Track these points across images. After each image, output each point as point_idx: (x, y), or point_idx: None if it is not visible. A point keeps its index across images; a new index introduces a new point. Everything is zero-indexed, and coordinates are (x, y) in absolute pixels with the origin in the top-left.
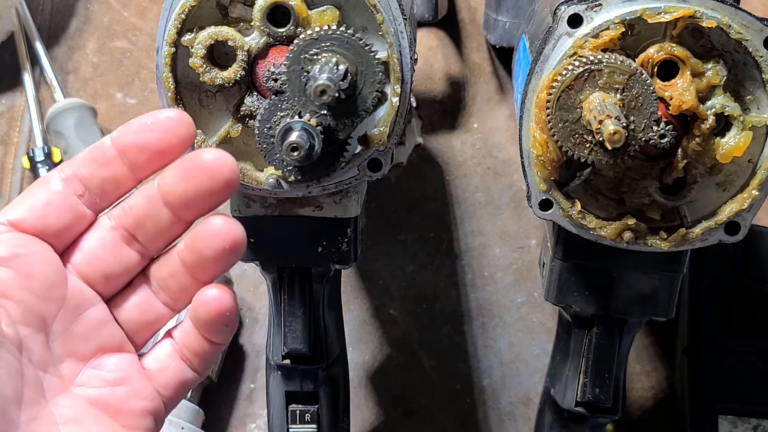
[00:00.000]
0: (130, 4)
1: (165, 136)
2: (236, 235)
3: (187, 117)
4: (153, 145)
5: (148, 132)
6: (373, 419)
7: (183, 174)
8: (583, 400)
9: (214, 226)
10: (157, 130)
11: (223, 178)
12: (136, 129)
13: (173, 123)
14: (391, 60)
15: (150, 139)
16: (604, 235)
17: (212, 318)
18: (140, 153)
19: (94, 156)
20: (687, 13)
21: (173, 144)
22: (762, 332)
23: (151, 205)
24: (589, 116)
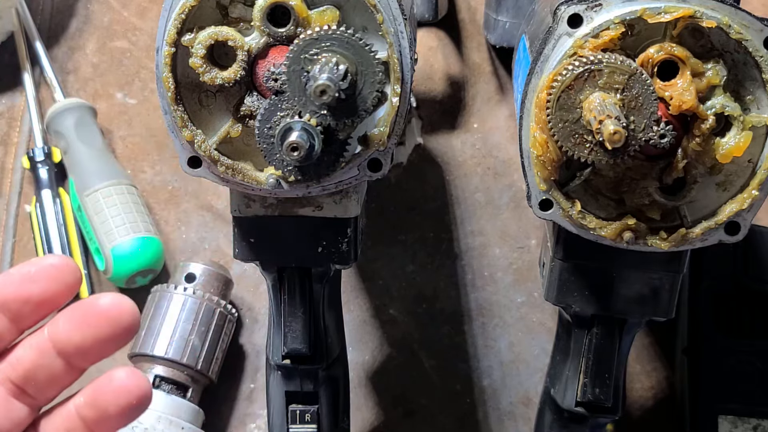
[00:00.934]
0: (130, 4)
1: (50, 285)
2: (142, 389)
3: (72, 263)
4: (37, 296)
5: (31, 283)
6: (373, 419)
7: (79, 322)
8: (583, 400)
9: (118, 382)
10: (40, 280)
11: (124, 323)
12: (18, 280)
13: (58, 271)
14: (391, 60)
15: (34, 290)
16: (604, 235)
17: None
18: (23, 305)
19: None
20: (687, 13)
21: (59, 293)
22: (762, 332)
23: (42, 356)
24: (589, 116)
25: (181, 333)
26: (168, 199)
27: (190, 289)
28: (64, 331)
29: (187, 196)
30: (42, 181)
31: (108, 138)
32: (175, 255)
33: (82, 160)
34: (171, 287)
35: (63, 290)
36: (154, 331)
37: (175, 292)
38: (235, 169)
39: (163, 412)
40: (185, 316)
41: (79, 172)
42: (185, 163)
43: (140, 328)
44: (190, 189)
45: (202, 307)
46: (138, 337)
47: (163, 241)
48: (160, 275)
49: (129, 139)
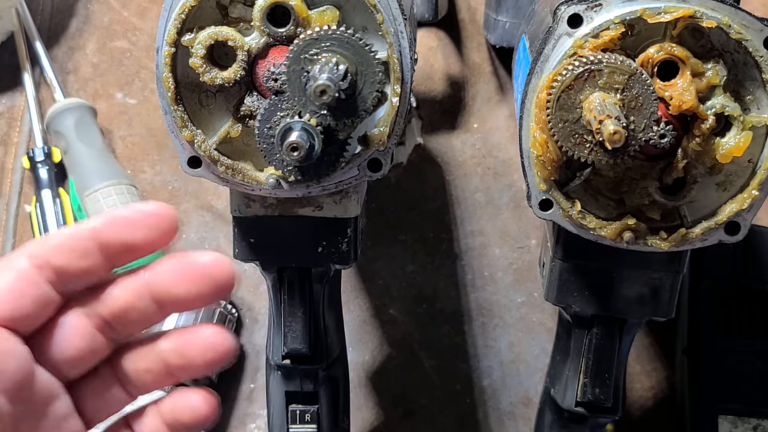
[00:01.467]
0: (130, 4)
1: (150, 232)
2: (227, 346)
3: (171, 211)
4: (137, 242)
5: (133, 229)
6: (373, 419)
7: (180, 275)
8: (583, 400)
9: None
10: (142, 228)
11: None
12: (120, 224)
13: (158, 219)
14: (391, 60)
15: (135, 237)
16: (604, 235)
17: (195, 424)
18: (122, 249)
19: (71, 246)
20: (687, 13)
21: (157, 240)
22: (762, 332)
23: (137, 299)
24: (589, 116)
25: None
26: (168, 199)
27: None
28: (164, 281)
29: (187, 196)
30: (42, 181)
31: (108, 138)
32: None
33: (82, 160)
34: None
35: (161, 238)
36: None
37: None
38: (235, 169)
39: None
40: (185, 316)
41: (79, 172)
42: (185, 163)
43: None
44: (190, 189)
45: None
46: None
47: None
48: None
49: (129, 139)
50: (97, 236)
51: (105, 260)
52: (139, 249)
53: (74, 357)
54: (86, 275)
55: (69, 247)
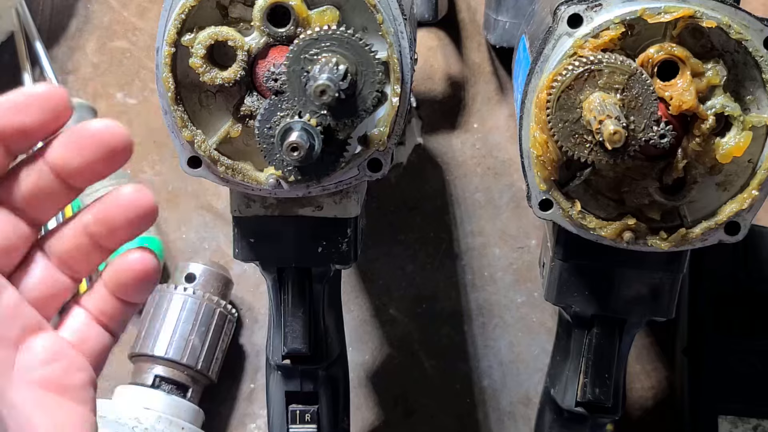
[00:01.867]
0: (130, 4)
1: (42, 114)
2: (148, 202)
3: (61, 91)
4: (30, 125)
5: (24, 113)
6: (373, 419)
7: (73, 146)
8: (583, 400)
9: (126, 197)
10: (33, 111)
11: (117, 145)
12: (10, 110)
13: (48, 100)
14: (391, 60)
15: (26, 120)
16: (604, 235)
17: (137, 281)
18: (16, 134)
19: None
20: (687, 13)
21: (50, 121)
22: (762, 332)
23: (40, 179)
24: (589, 116)
25: (181, 333)
26: (168, 200)
27: (190, 289)
28: (59, 156)
29: (187, 196)
30: None
31: None
32: (175, 255)
33: None
34: (171, 287)
35: (54, 118)
36: (154, 332)
37: (175, 292)
38: (235, 169)
39: (163, 412)
40: (185, 316)
41: None
42: (185, 163)
43: (140, 328)
44: (190, 189)
45: (202, 307)
46: (138, 337)
47: (163, 241)
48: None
49: None
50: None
51: (3, 149)
52: (35, 132)
53: (2, 248)
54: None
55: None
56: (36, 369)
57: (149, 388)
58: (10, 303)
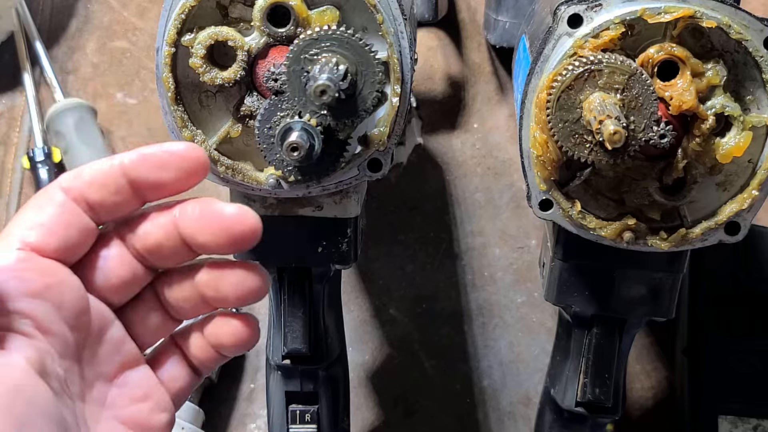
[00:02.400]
0: (130, 4)
1: (177, 174)
2: (261, 282)
3: (200, 153)
4: (167, 183)
5: (161, 169)
6: (373, 419)
7: (206, 224)
8: (583, 400)
9: (239, 275)
10: (169, 168)
11: (244, 234)
12: (150, 163)
13: (187, 162)
14: (391, 60)
15: (163, 176)
16: (604, 235)
17: (236, 345)
18: (151, 187)
19: (103, 182)
20: (687, 13)
21: (186, 181)
22: (762, 332)
23: (167, 238)
24: (589, 116)
25: None
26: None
27: None
28: (189, 226)
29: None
30: (42, 181)
31: (108, 138)
32: None
33: (82, 161)
34: None
35: (189, 178)
36: None
37: None
38: (235, 169)
39: None
40: None
41: None
42: None
43: None
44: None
45: None
46: None
47: None
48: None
49: (129, 139)
50: (127, 173)
51: (135, 196)
52: (168, 188)
53: (118, 284)
54: (118, 209)
55: (101, 183)
56: (126, 407)
57: None
58: (116, 338)
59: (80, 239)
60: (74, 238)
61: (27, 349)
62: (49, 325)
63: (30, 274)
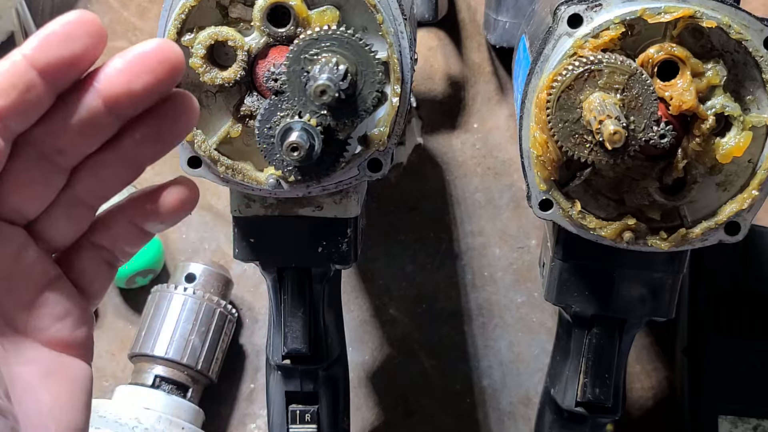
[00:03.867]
0: (130, 4)
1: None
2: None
3: (92, 15)
4: (76, 55)
5: (68, 43)
6: (373, 419)
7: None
8: (583, 400)
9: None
10: (75, 39)
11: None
12: (54, 41)
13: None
14: (391, 60)
15: (72, 50)
16: (604, 235)
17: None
18: (62, 68)
19: (12, 83)
20: (687, 13)
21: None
22: (762, 332)
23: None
24: (589, 116)
25: (182, 333)
26: None
27: (190, 289)
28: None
29: None
30: None
31: None
32: (175, 255)
33: None
34: (171, 287)
35: (96, 44)
36: (154, 331)
37: (175, 292)
38: (235, 169)
39: (164, 412)
40: (185, 316)
41: None
42: (185, 163)
43: (140, 328)
44: None
45: (202, 307)
46: (138, 337)
47: (163, 241)
48: (160, 275)
49: None
50: (36, 62)
51: (48, 87)
52: (79, 62)
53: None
54: (34, 109)
55: (10, 85)
56: (47, 329)
57: (149, 388)
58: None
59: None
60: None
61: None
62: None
63: None
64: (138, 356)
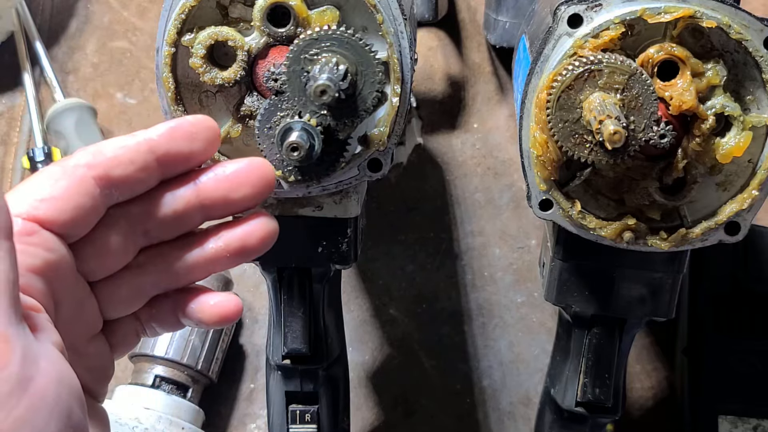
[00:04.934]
0: (130, 4)
1: (206, 144)
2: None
3: (212, 121)
4: (196, 153)
5: (193, 141)
6: (373, 419)
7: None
8: (583, 400)
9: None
10: (200, 139)
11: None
12: (177, 135)
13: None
14: (391, 60)
15: (194, 148)
16: (604, 235)
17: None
18: (176, 161)
19: (130, 158)
20: (687, 13)
21: (210, 151)
22: (762, 332)
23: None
24: (589, 116)
25: (181, 333)
26: None
27: None
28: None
29: None
30: None
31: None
32: None
33: None
34: None
35: (209, 147)
36: None
37: None
38: None
39: (164, 412)
40: None
41: None
42: None
43: None
44: None
45: None
46: None
47: None
48: None
49: None
50: (155, 148)
51: (158, 172)
52: (192, 159)
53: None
54: (138, 186)
55: (128, 160)
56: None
57: (149, 388)
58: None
59: (88, 218)
60: (82, 218)
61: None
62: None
63: (34, 249)
64: (138, 356)
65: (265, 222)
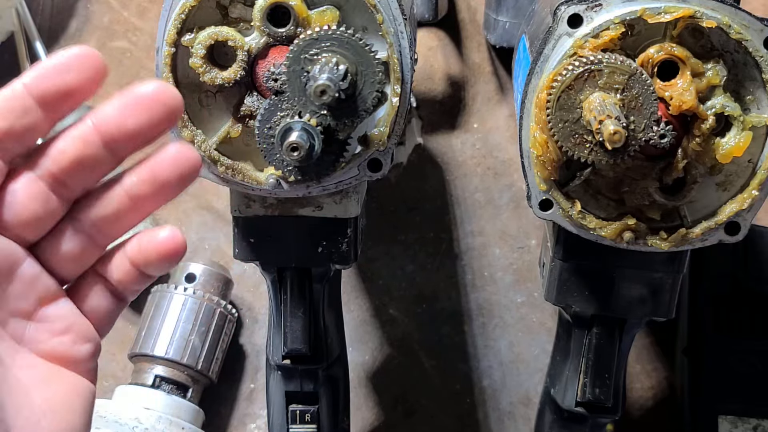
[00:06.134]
0: (130, 4)
1: (82, 74)
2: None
3: (94, 51)
4: (73, 86)
5: (64, 74)
6: (373, 419)
7: (127, 109)
8: (583, 400)
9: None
10: (72, 71)
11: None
12: (51, 72)
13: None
14: (391, 60)
15: (69, 81)
16: (604, 235)
17: (164, 258)
18: (59, 98)
19: (9, 107)
20: (687, 13)
21: (91, 81)
22: (762, 332)
23: (86, 147)
24: (589, 116)
25: (182, 333)
26: None
27: (190, 289)
28: (112, 119)
29: (187, 196)
30: None
31: None
32: None
33: None
34: (171, 287)
35: (94, 77)
36: (154, 332)
37: (175, 292)
38: (235, 169)
39: (164, 412)
40: (185, 316)
41: None
42: None
43: (140, 328)
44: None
45: (202, 307)
46: (138, 337)
47: None
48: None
49: None
50: (33, 90)
51: (45, 114)
52: (76, 94)
53: (30, 219)
54: (30, 134)
55: (7, 108)
56: (45, 341)
57: (149, 388)
58: (28, 275)
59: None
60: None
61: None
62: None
63: None
64: (138, 356)
65: (173, 147)
